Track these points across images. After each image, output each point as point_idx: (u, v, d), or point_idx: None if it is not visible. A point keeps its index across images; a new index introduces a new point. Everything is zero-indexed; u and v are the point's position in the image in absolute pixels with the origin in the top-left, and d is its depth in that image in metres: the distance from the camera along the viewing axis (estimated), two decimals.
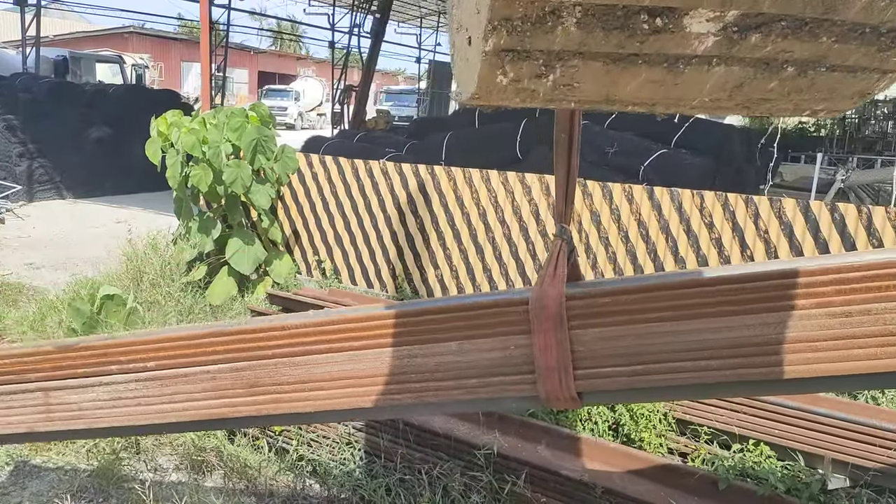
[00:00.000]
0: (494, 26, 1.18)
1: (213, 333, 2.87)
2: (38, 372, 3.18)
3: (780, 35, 1.23)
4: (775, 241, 6.53)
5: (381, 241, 8.68)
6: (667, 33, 1.20)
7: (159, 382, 2.96)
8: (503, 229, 7.87)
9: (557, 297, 2.35)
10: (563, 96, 1.33)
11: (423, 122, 18.59)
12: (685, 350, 2.31)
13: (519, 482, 4.58)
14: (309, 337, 2.73)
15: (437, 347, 2.56)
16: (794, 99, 1.39)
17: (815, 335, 2.18)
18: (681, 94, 1.35)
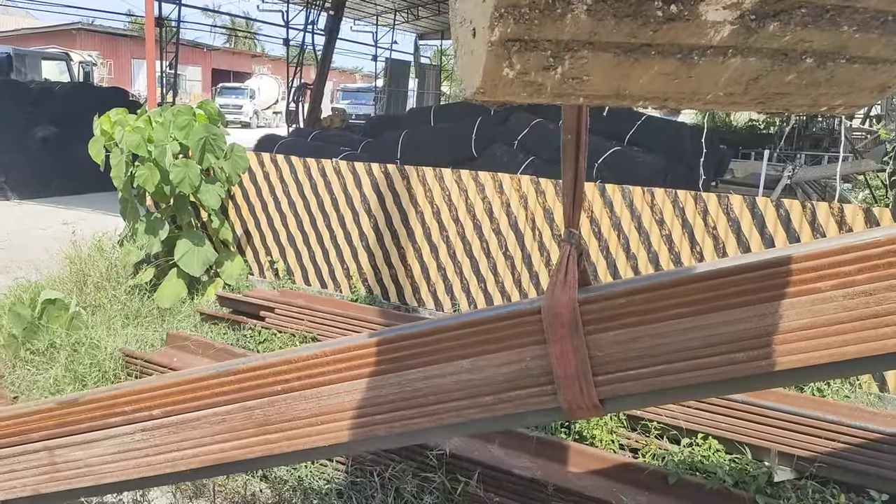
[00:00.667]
0: (501, 14, 1.12)
1: (220, 374, 2.79)
2: (42, 430, 3.07)
3: (799, 23, 1.17)
4: (723, 237, 6.63)
5: (334, 240, 8.58)
6: (681, 21, 1.14)
7: (167, 430, 2.88)
8: (457, 227, 7.85)
9: (570, 303, 2.28)
10: (571, 90, 1.28)
11: (379, 121, 18.49)
12: (708, 345, 2.25)
13: (472, 482, 4.56)
14: (319, 368, 2.65)
15: (450, 366, 2.47)
16: (811, 93, 1.35)
17: (839, 317, 2.10)
18: (694, 87, 1.30)
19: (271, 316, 6.69)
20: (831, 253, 2.11)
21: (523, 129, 11.73)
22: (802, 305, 2.14)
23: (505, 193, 7.57)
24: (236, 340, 6.68)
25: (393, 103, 31.67)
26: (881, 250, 2.06)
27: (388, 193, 8.19)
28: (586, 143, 2.30)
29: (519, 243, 7.57)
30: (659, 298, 2.24)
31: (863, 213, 6.19)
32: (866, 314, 2.07)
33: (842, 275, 2.11)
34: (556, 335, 2.30)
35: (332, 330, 6.40)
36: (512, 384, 2.41)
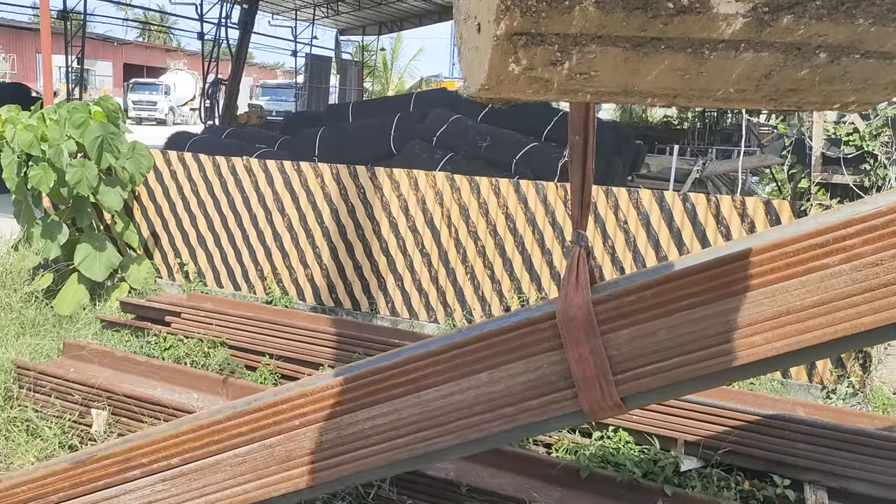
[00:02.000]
0: (508, 6, 1.07)
1: (235, 415, 2.73)
2: (58, 493, 2.97)
3: (814, 16, 1.13)
4: (634, 231, 6.74)
5: (247, 241, 8.33)
6: (693, 14, 1.10)
7: (187, 477, 2.81)
8: (372, 225, 7.73)
9: (585, 305, 2.27)
10: (578, 86, 1.23)
11: (298, 117, 18.12)
12: (723, 332, 2.23)
13: (384, 485, 4.47)
14: (335, 398, 2.63)
15: (468, 381, 2.45)
16: (825, 89, 1.30)
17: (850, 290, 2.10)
18: (705, 84, 1.26)
19: (177, 321, 6.41)
20: (836, 227, 2.12)
21: (442, 126, 11.69)
22: (813, 283, 2.14)
23: (420, 190, 7.50)
24: (140, 347, 6.38)
25: (314, 100, 31.17)
26: (885, 220, 2.07)
27: (302, 191, 7.99)
28: (594, 146, 2.30)
29: (435, 240, 7.50)
30: (670, 291, 2.25)
31: (763, 205, 6.39)
32: (876, 284, 2.08)
33: (848, 248, 2.11)
34: (573, 338, 2.29)
35: (242, 334, 6.18)
36: (532, 392, 2.40)
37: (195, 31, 26.32)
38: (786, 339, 2.18)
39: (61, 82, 26.97)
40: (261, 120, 27.45)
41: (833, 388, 6.07)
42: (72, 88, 21.97)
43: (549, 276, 7.11)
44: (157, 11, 44.80)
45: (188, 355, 6.08)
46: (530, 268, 7.17)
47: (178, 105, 41.71)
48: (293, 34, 33.10)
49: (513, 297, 7.24)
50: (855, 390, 6.03)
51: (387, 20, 33.21)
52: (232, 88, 21.20)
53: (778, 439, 4.59)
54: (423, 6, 29.63)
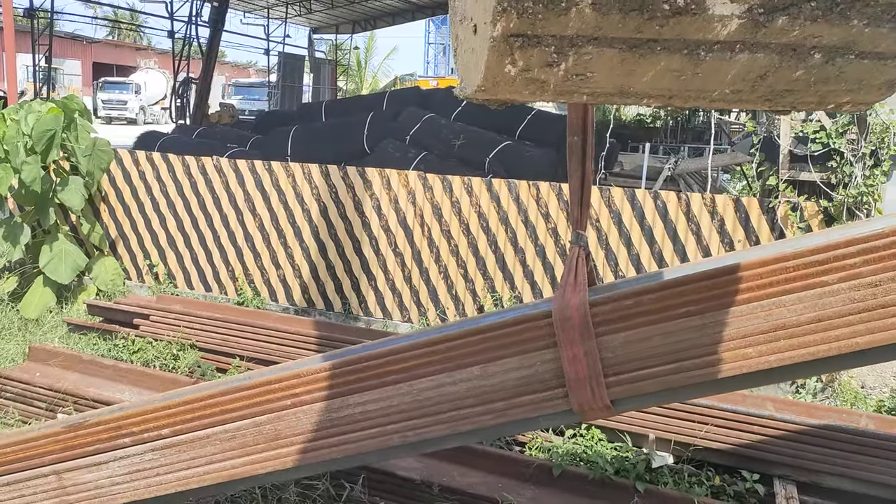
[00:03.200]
0: (504, 8, 1.07)
1: (229, 390, 2.77)
2: (50, 455, 3.04)
3: (809, 17, 1.13)
4: (606, 229, 6.76)
5: (218, 241, 8.23)
6: (688, 15, 1.10)
7: (176, 448, 2.86)
8: (345, 225, 7.67)
9: (581, 306, 2.27)
10: (575, 88, 1.23)
11: (270, 116, 17.96)
12: (718, 342, 2.23)
13: (356, 487, 4.44)
14: (328, 381, 2.65)
15: (461, 374, 2.46)
16: (819, 90, 1.31)
17: (847, 310, 2.10)
18: (701, 84, 1.26)
19: (146, 324, 6.32)
20: (836, 246, 2.13)
21: (415, 125, 11.65)
22: (810, 299, 2.15)
23: (393, 190, 7.46)
24: (107, 351, 6.27)
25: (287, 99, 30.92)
26: (885, 241, 2.09)
27: (273, 191, 7.91)
28: (593, 146, 2.31)
29: (408, 239, 7.47)
30: (668, 297, 2.26)
31: (732, 202, 6.45)
32: (874, 305, 2.09)
33: (848, 267, 2.12)
34: (568, 338, 2.30)
35: (212, 336, 6.11)
36: (524, 389, 2.42)
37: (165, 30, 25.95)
38: (779, 354, 2.20)
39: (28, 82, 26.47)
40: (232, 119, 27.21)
41: (802, 383, 6.14)
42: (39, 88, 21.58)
43: (521, 274, 7.11)
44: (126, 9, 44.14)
45: (157, 358, 5.99)
46: (503, 266, 7.16)
47: (148, 104, 41.16)
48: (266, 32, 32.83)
49: (486, 297, 7.23)
50: (824, 385, 6.11)
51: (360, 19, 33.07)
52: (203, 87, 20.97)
53: (748, 434, 4.63)
54: (397, 5, 29.54)
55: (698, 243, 6.46)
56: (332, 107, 16.01)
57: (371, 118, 12.34)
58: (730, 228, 6.37)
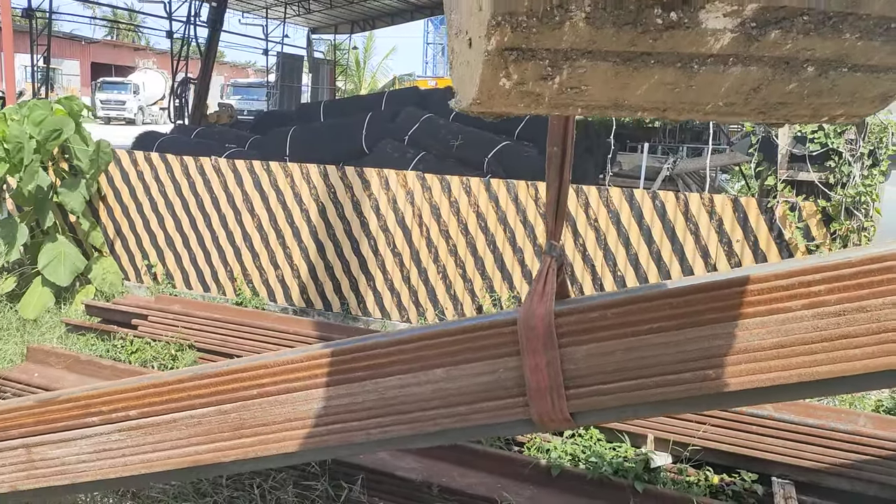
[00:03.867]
0: (498, 22, 1.07)
1: (196, 377, 2.80)
2: (20, 428, 3.09)
3: (801, 31, 1.15)
4: (604, 229, 6.77)
5: (216, 242, 8.22)
6: (681, 29, 1.11)
7: (143, 431, 2.90)
8: (343, 225, 7.67)
9: (546, 316, 2.27)
10: (569, 100, 1.25)
11: (269, 117, 17.96)
12: (680, 361, 2.25)
13: (355, 488, 4.44)
14: (296, 373, 2.67)
15: (426, 375, 2.48)
16: (813, 102, 1.32)
17: (808, 337, 2.11)
18: (694, 97, 1.28)
19: (144, 324, 6.31)
20: (803, 272, 2.12)
21: (414, 125, 11.65)
22: (774, 324, 2.16)
23: (391, 190, 7.46)
24: (106, 351, 6.27)
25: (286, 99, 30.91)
26: (853, 271, 2.09)
27: (271, 191, 7.91)
28: (572, 157, 2.30)
29: (407, 239, 7.47)
30: (632, 313, 2.25)
31: (731, 202, 6.45)
32: (837, 335, 2.09)
33: (813, 294, 2.12)
34: (531, 347, 2.29)
35: (211, 336, 6.10)
36: (485, 395, 2.42)
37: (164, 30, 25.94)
38: (739, 378, 2.20)
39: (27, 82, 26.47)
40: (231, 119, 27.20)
41: None
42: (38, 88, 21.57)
43: (520, 274, 7.11)
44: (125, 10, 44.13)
45: (155, 358, 5.99)
46: (502, 266, 7.17)
47: (147, 104, 41.14)
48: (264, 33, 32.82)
49: (485, 296, 7.23)
50: None
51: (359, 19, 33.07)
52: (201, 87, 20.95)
53: (746, 434, 4.63)
54: (395, 5, 29.54)
55: (696, 243, 6.47)
56: (331, 107, 16.01)
57: (369, 118, 12.35)
58: (728, 228, 6.37)
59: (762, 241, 6.28)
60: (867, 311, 2.06)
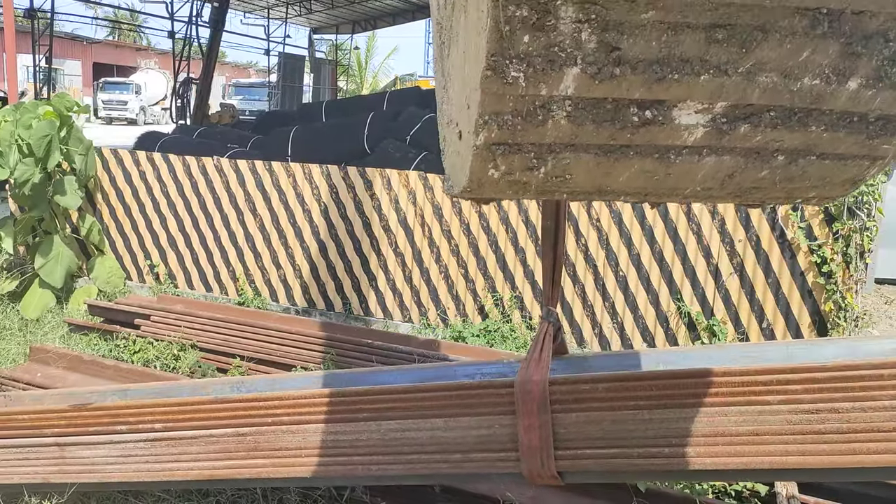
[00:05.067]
0: (485, 121, 1.15)
1: (217, 400, 3.13)
2: (54, 427, 3.38)
3: (769, 125, 1.23)
4: (606, 229, 6.77)
5: (218, 242, 8.23)
6: (657, 125, 1.19)
7: (166, 443, 3.19)
8: (346, 225, 7.68)
9: (541, 382, 2.48)
10: (555, 188, 1.32)
11: (270, 117, 17.97)
12: (662, 437, 2.45)
13: (358, 488, 4.43)
14: (307, 407, 2.96)
15: (426, 423, 2.74)
16: (785, 187, 1.39)
17: (782, 429, 2.30)
18: (673, 184, 1.34)
19: (147, 324, 6.32)
20: (782, 371, 2.33)
21: (415, 125, 11.65)
22: (751, 414, 2.36)
23: (393, 190, 7.46)
24: (108, 351, 6.27)
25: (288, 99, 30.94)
26: (826, 375, 2.27)
27: (274, 191, 7.92)
28: (565, 231, 2.49)
29: (409, 240, 7.48)
30: (620, 389, 2.48)
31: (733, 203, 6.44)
32: (808, 430, 2.28)
33: (789, 392, 2.31)
34: (526, 409, 2.51)
35: (213, 336, 6.11)
36: (481, 447, 2.65)
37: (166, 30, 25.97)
38: (715, 458, 2.39)
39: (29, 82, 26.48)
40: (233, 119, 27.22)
41: None
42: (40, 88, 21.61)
43: (522, 274, 7.11)
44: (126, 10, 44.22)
45: (158, 358, 5.99)
46: (504, 266, 7.17)
47: (148, 104, 41.19)
48: (266, 33, 32.87)
49: (487, 297, 7.24)
50: None
51: (361, 19, 33.10)
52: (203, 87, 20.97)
53: None
54: (397, 5, 29.56)
55: (699, 243, 6.47)
56: (333, 107, 16.01)
57: (371, 118, 12.34)
58: (730, 228, 6.37)
59: (764, 241, 6.28)
60: (839, 413, 2.25)
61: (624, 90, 1.13)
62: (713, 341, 6.35)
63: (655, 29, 1.07)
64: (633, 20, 1.06)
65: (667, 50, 1.10)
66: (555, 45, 1.07)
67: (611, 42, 1.07)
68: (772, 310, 6.28)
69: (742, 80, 1.15)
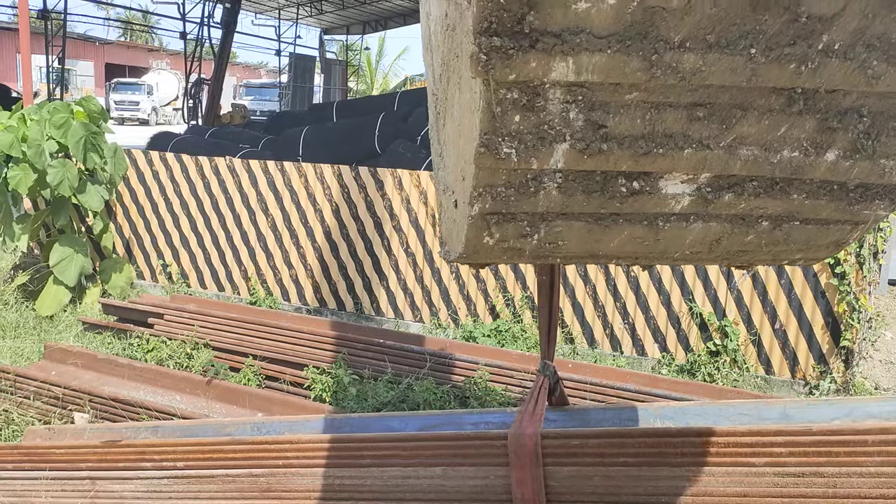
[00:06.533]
0: (480, 193, 1.21)
1: (233, 441, 3.39)
2: (87, 461, 3.62)
3: (752, 194, 1.29)
4: None
5: (230, 241, 8.27)
6: (644, 195, 1.25)
7: (186, 481, 3.40)
8: (357, 225, 7.70)
9: (534, 437, 2.57)
10: (548, 253, 1.38)
11: (281, 117, 18.04)
12: (652, 494, 2.54)
13: None
14: (315, 452, 3.16)
15: (426, 471, 2.90)
16: (771, 250, 1.45)
17: (768, 491, 2.38)
18: (663, 248, 1.40)
19: (160, 323, 6.36)
20: (766, 433, 2.41)
21: (426, 125, 11.66)
22: (738, 475, 2.44)
23: (404, 190, 7.48)
24: (122, 350, 6.32)
25: (298, 99, 31.03)
26: (811, 439, 2.33)
27: (285, 191, 7.95)
28: (559, 286, 2.57)
29: (420, 239, 7.50)
30: (611, 445, 2.60)
31: None
32: (795, 493, 2.34)
33: (774, 455, 2.38)
34: (519, 462, 2.61)
35: (226, 335, 6.14)
36: (477, 496, 2.77)
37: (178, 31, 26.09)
38: None
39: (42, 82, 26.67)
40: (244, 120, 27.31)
41: (816, 384, 6.12)
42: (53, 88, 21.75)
43: (533, 274, 7.10)
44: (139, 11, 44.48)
45: (171, 357, 6.03)
46: (515, 266, 7.17)
47: (160, 105, 41.39)
48: (277, 33, 32.96)
49: (498, 297, 7.24)
50: (838, 386, 6.08)
51: (371, 19, 33.15)
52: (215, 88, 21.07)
53: None
54: (407, 5, 29.59)
55: None
56: (343, 107, 16.06)
57: (382, 118, 12.38)
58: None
59: None
60: (824, 477, 2.32)
61: (612, 163, 1.18)
62: (725, 342, 6.33)
63: (639, 108, 1.13)
64: (617, 100, 1.11)
65: (651, 126, 1.15)
66: (544, 124, 1.12)
67: (597, 120, 1.13)
68: (784, 311, 6.25)
69: (724, 153, 1.19)
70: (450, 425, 3.33)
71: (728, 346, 6.32)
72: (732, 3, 1.00)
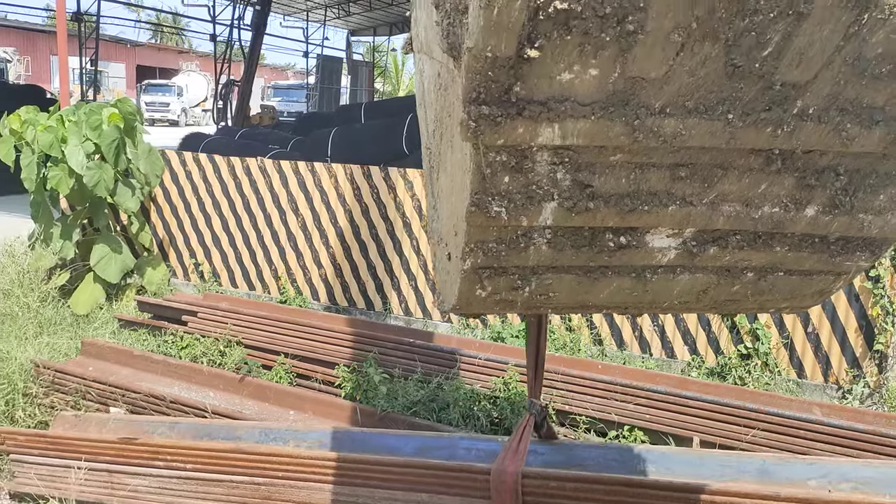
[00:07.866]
0: (471, 248, 1.26)
1: (239, 449, 3.58)
2: (106, 455, 3.92)
3: (735, 247, 1.33)
4: None
5: (261, 241, 8.38)
6: (631, 249, 1.30)
7: (194, 482, 3.62)
8: (386, 225, 7.76)
9: (514, 474, 2.63)
10: (539, 304, 1.43)
11: (310, 118, 18.20)
12: None
13: None
14: (312, 467, 3.31)
15: (412, 496, 3.03)
16: (757, 300, 1.50)
17: None
18: (651, 298, 1.46)
19: (194, 320, 6.47)
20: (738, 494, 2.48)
21: None
22: None
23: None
24: (157, 346, 6.43)
25: (325, 100, 31.26)
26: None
27: (316, 192, 8.04)
28: (547, 327, 2.63)
29: None
30: (586, 490, 2.66)
31: None
32: None
33: None
34: (499, 498, 2.67)
35: (258, 333, 6.23)
36: None
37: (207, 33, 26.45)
38: None
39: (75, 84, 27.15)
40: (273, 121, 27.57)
41: (849, 389, 6.05)
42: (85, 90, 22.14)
43: None
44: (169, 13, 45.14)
45: (205, 354, 6.13)
46: None
47: (190, 106, 41.93)
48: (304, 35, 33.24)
49: None
50: (871, 390, 6.01)
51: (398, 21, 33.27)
52: (244, 89, 21.30)
53: (793, 438, 4.58)
54: None
55: None
56: (371, 108, 16.15)
57: (410, 120, 12.43)
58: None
59: None
60: None
61: (599, 220, 1.23)
62: (756, 345, 6.28)
63: (624, 168, 1.17)
64: (602, 161, 1.15)
65: (635, 185, 1.20)
66: (533, 184, 1.17)
67: (584, 180, 1.17)
68: (817, 314, 6.19)
69: (707, 210, 1.24)
70: (445, 447, 3.47)
71: (759, 350, 6.27)
72: (709, 73, 1.03)
